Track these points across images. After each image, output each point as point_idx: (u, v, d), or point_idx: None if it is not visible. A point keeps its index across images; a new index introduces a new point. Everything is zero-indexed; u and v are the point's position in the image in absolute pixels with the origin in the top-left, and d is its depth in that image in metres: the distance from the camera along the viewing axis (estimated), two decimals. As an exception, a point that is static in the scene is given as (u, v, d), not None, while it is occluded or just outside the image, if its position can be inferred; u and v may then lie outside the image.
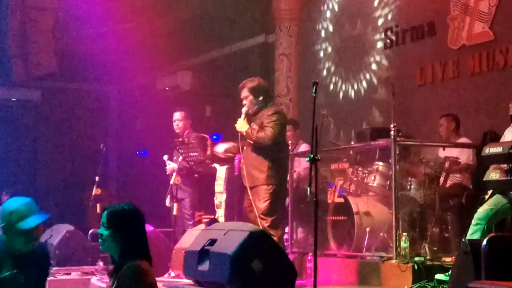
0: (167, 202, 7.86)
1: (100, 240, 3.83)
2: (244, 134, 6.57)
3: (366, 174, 7.26)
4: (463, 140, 7.30)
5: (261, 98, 6.67)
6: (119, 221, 3.80)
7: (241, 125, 6.59)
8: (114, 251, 3.80)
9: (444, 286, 5.55)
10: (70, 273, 7.35)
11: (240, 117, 6.65)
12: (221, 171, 6.99)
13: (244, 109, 6.69)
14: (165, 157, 8.00)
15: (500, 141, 5.82)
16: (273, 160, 6.57)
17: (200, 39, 12.14)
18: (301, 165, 8.26)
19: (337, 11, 10.15)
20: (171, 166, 7.91)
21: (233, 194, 7.29)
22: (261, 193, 6.49)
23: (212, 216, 7.11)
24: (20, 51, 11.92)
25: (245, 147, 6.70)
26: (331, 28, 10.26)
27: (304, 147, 8.37)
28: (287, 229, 7.82)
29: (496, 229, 5.61)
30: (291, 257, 6.57)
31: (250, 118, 6.70)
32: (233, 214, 7.24)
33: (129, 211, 3.85)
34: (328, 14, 10.31)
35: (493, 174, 5.43)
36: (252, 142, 6.55)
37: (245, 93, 6.70)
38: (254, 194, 6.54)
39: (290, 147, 7.94)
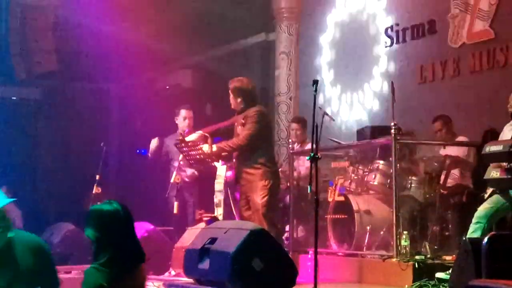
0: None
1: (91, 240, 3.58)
2: (217, 152, 6.63)
3: (367, 173, 7.25)
4: (461, 138, 7.29)
5: (239, 99, 6.72)
6: (102, 223, 3.51)
7: (207, 148, 6.68)
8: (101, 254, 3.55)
9: (445, 284, 5.55)
10: (70, 272, 7.34)
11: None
12: (221, 170, 6.98)
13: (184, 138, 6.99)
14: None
15: (499, 137, 5.82)
16: (266, 155, 6.63)
17: (200, 37, 12.11)
18: (304, 164, 8.23)
19: (338, 9, 10.13)
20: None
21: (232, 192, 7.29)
22: (259, 188, 6.50)
23: (213, 215, 7.10)
24: (20, 49, 11.89)
25: None
26: (331, 26, 10.24)
27: (310, 146, 8.35)
28: (287, 228, 7.81)
29: (496, 227, 5.61)
30: (291, 255, 6.56)
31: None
32: (232, 212, 7.23)
33: (112, 211, 3.52)
34: (328, 12, 10.28)
35: (493, 173, 5.43)
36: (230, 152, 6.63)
37: (229, 91, 6.81)
38: (250, 190, 6.56)
39: (296, 146, 8.00)
